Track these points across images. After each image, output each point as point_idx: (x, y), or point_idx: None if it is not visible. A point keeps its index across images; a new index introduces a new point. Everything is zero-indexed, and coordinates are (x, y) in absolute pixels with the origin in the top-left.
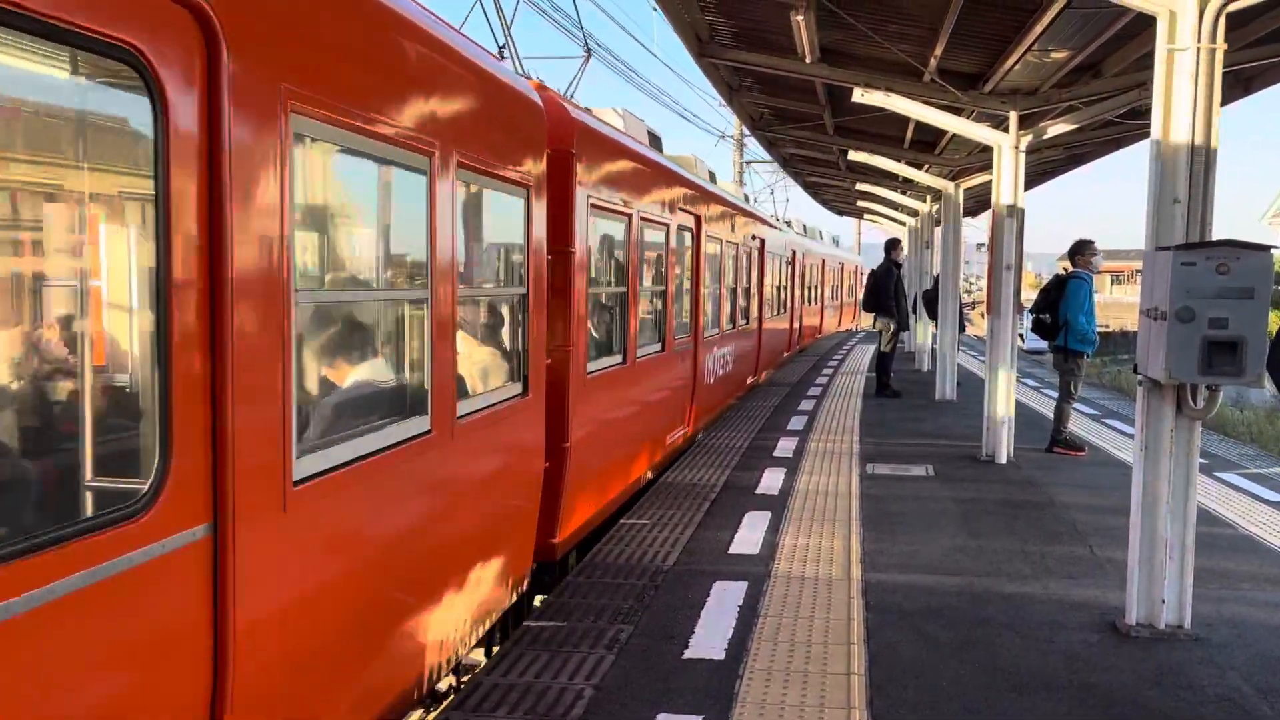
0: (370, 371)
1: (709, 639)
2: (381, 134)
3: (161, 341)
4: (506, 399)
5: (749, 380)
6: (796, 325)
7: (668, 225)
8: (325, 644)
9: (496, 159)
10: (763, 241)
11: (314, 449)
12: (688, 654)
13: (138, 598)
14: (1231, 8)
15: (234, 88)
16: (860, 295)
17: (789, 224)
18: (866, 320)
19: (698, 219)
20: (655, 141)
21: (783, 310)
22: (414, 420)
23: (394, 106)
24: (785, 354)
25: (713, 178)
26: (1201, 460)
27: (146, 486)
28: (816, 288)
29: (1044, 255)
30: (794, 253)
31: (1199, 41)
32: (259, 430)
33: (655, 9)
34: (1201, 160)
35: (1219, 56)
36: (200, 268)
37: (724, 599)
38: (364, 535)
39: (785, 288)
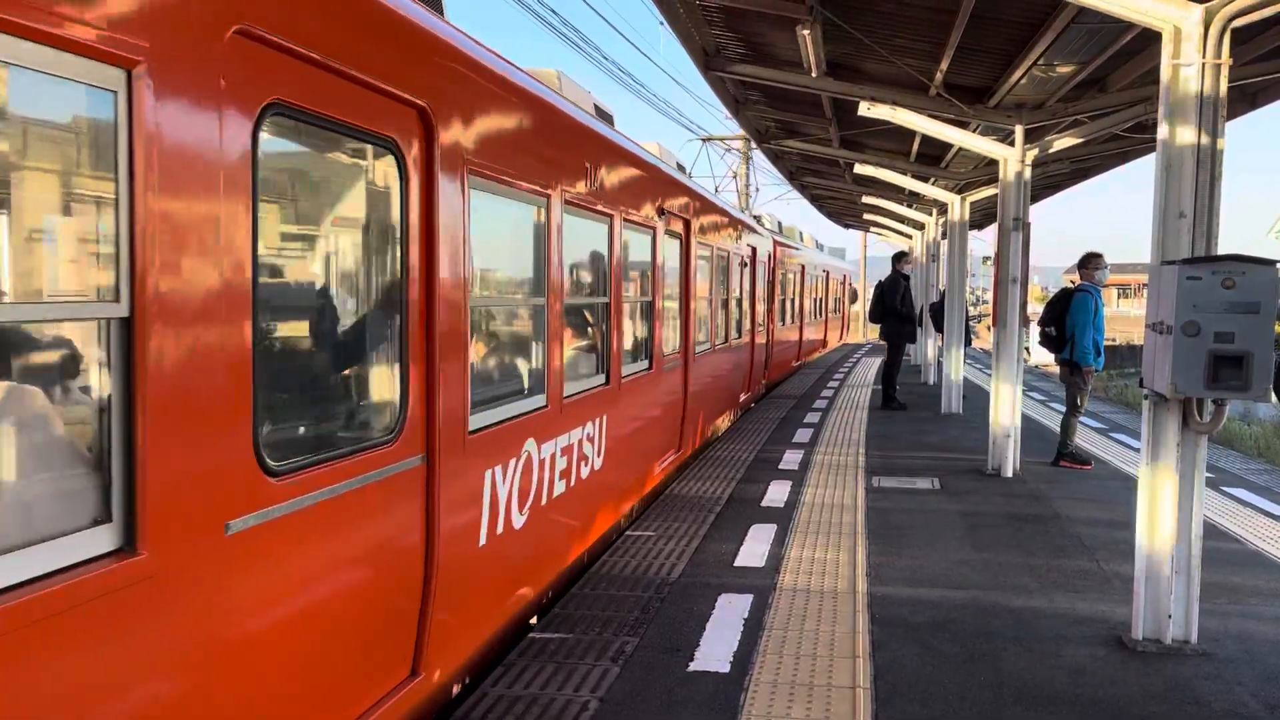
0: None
1: (714, 652)
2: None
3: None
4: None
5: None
6: (759, 356)
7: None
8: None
9: None
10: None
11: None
12: (693, 666)
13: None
14: (1237, 23)
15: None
16: (844, 310)
17: (759, 218)
18: (853, 336)
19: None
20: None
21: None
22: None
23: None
24: (744, 396)
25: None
26: (1209, 474)
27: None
28: (796, 301)
29: (1050, 269)
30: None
31: (1204, 57)
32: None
33: (663, 24)
34: (1207, 174)
35: (1224, 72)
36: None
37: (729, 611)
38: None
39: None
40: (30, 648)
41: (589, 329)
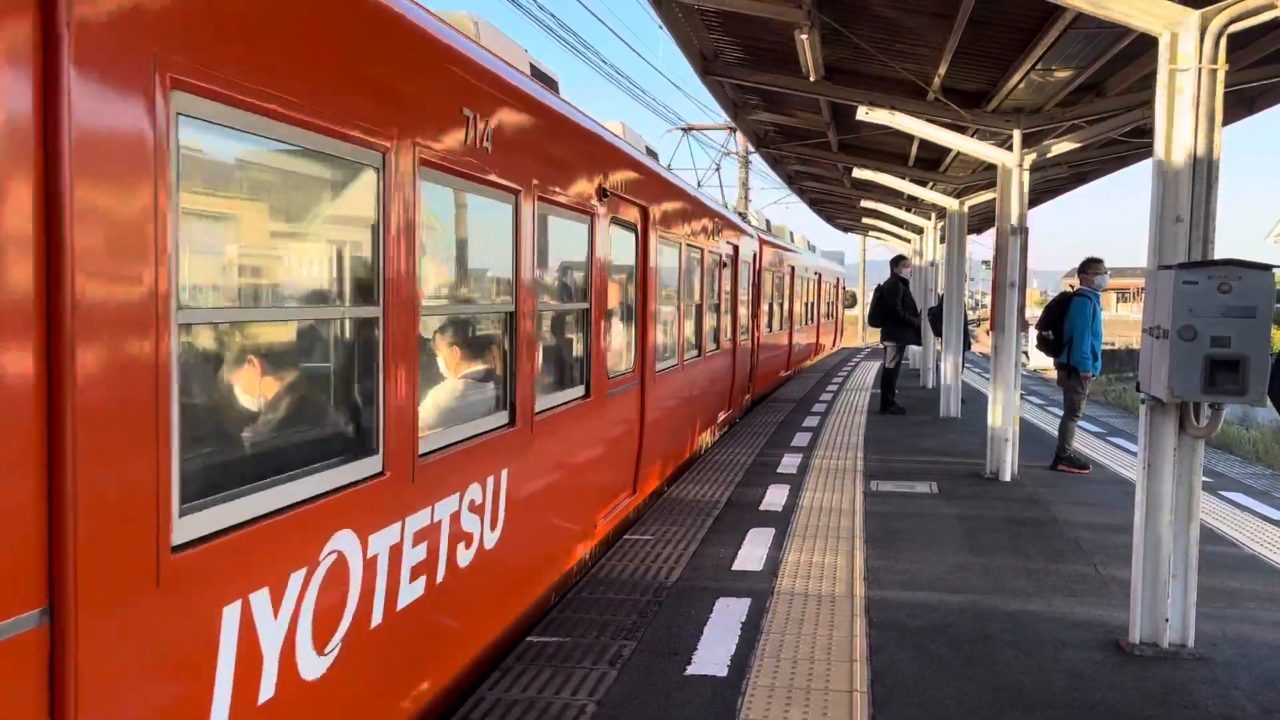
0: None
1: (712, 655)
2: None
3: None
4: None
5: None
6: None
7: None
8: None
9: None
10: (736, 249)
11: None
12: (690, 670)
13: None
14: (1233, 29)
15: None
16: (838, 315)
17: (744, 215)
18: (851, 340)
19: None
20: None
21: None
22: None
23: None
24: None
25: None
26: (1207, 479)
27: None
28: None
29: (1049, 273)
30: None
31: (1200, 62)
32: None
33: (661, 27)
34: (1203, 179)
35: (1220, 77)
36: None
37: (727, 615)
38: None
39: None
40: None
41: (478, 350)
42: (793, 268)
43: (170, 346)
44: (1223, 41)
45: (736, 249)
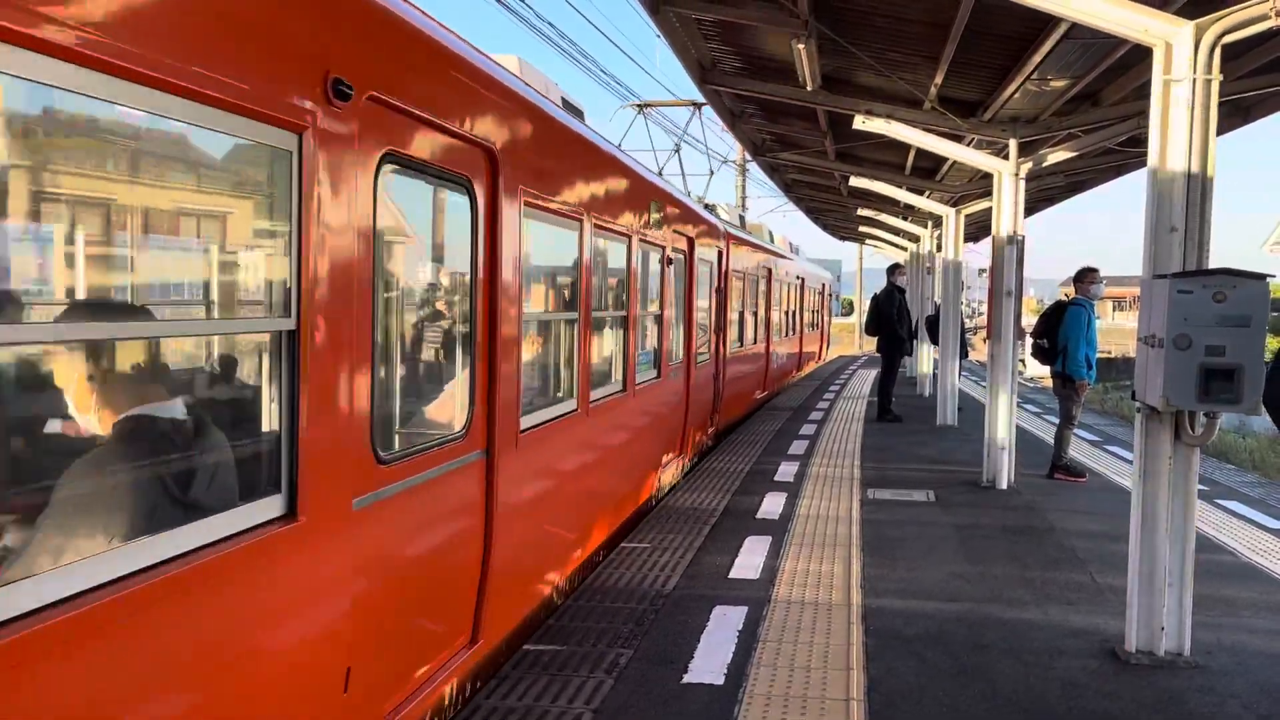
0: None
1: (708, 664)
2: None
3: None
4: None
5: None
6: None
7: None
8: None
9: None
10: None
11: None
12: (687, 679)
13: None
14: (1228, 39)
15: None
16: (824, 325)
17: (711, 206)
18: (846, 349)
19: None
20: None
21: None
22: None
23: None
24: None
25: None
26: (1203, 487)
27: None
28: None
29: (1046, 281)
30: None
31: (1195, 72)
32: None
33: (659, 37)
34: (1198, 189)
35: (1215, 87)
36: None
37: (724, 623)
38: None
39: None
40: None
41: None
42: (770, 270)
43: None
44: (1217, 52)
45: (692, 243)
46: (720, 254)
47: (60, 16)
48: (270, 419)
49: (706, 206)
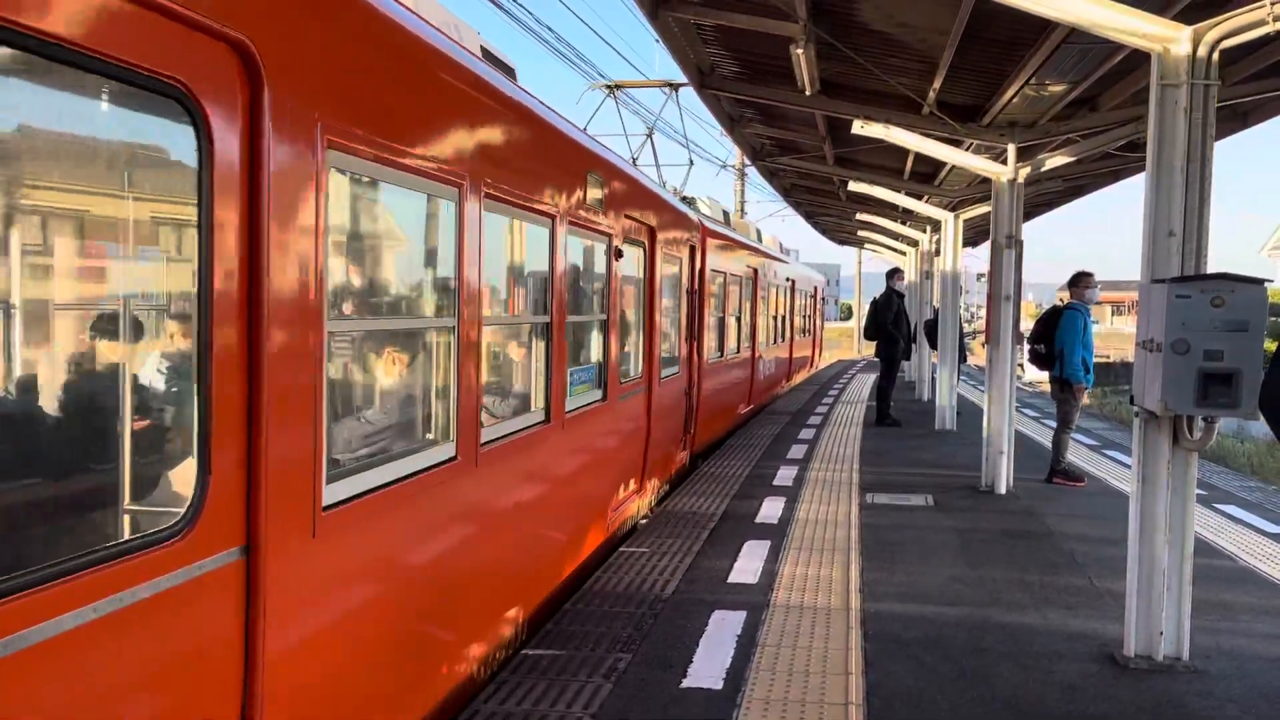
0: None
1: (707, 668)
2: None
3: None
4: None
5: None
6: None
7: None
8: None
9: None
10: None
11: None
12: (686, 683)
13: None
14: (1225, 44)
15: None
16: (816, 330)
17: (690, 200)
18: (844, 353)
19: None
20: None
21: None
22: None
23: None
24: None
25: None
26: (1201, 491)
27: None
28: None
29: (1044, 285)
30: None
31: (1193, 77)
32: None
33: (658, 42)
34: (1196, 194)
35: (1213, 92)
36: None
37: (723, 628)
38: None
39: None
40: None
41: None
42: (756, 271)
43: None
44: (1215, 57)
45: (654, 235)
46: (694, 249)
47: None
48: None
49: (684, 200)
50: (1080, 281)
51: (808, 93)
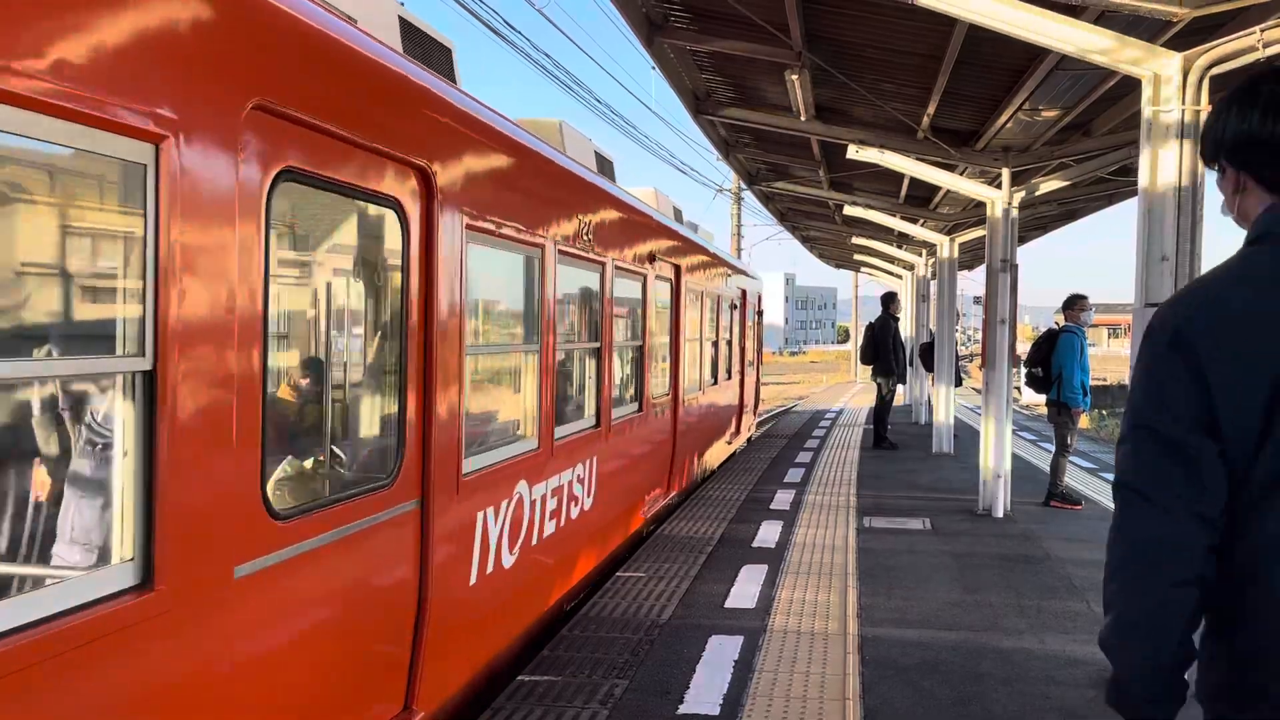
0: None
1: (704, 694)
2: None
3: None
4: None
5: None
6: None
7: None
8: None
9: None
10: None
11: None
12: (683, 709)
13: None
14: (1215, 71)
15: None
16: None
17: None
18: (840, 377)
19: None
20: None
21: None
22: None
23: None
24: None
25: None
26: None
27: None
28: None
29: (1040, 308)
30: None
31: (1184, 104)
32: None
33: (654, 69)
34: (1188, 218)
35: (1204, 118)
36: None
37: (720, 653)
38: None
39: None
40: None
41: None
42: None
43: None
44: (1205, 83)
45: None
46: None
47: None
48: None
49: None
50: (1075, 304)
51: (802, 118)
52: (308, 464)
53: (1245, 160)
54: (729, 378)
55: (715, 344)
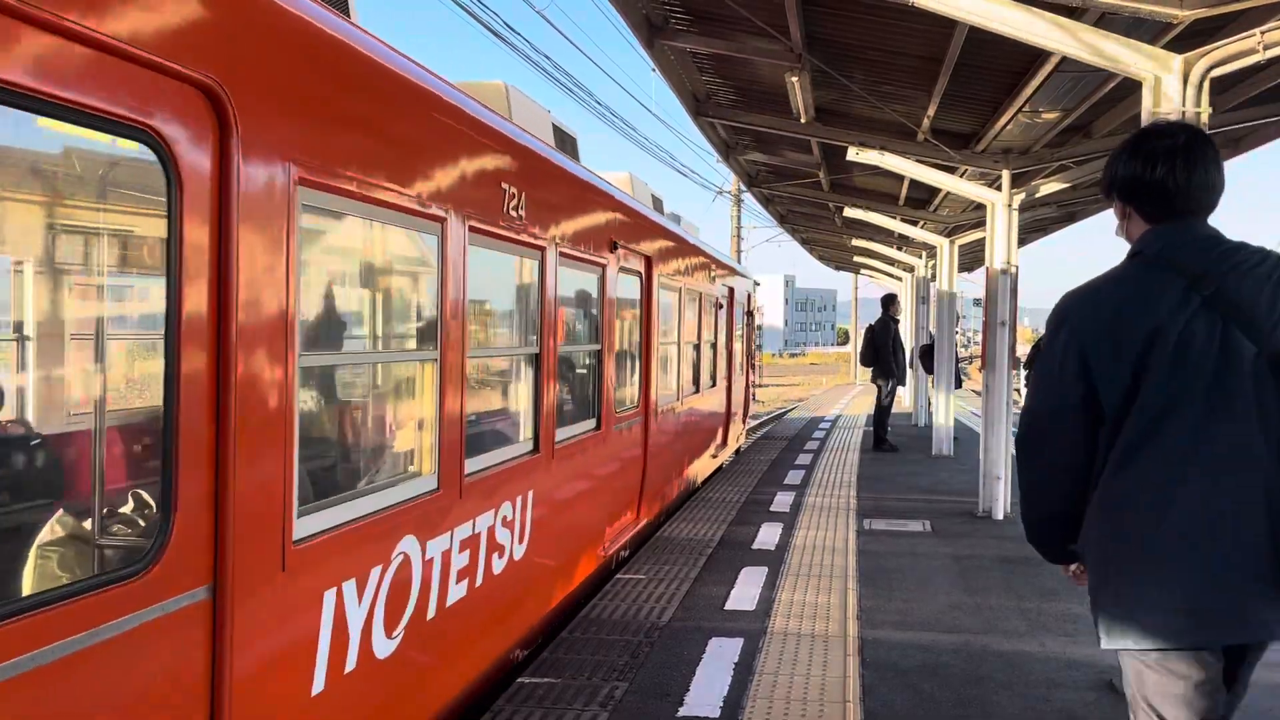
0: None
1: (704, 696)
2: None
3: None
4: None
5: None
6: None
7: None
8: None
9: None
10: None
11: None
12: (683, 712)
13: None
14: (1215, 73)
15: None
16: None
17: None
18: (840, 379)
19: None
20: None
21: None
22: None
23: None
24: None
25: None
26: None
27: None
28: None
29: (1040, 311)
30: None
31: (1184, 106)
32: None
33: (654, 71)
34: None
35: (1204, 120)
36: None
37: (720, 656)
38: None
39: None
40: None
41: None
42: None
43: None
44: (1206, 85)
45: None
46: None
47: None
48: None
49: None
50: None
51: (802, 120)
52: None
53: (1130, 196)
54: (714, 385)
55: (698, 347)
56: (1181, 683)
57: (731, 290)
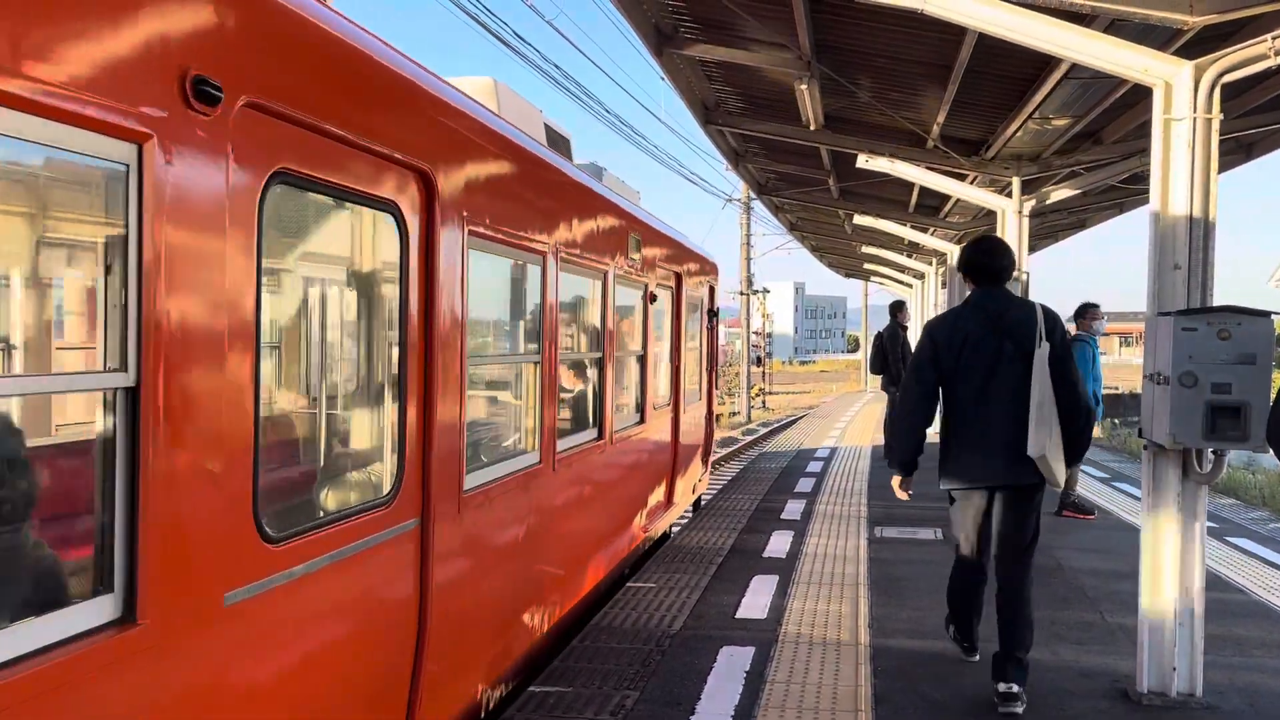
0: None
1: (716, 706)
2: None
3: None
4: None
5: None
6: None
7: None
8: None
9: None
10: None
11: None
12: None
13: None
14: (1227, 79)
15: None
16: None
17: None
18: (849, 388)
19: None
20: None
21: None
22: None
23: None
24: None
25: None
26: (1213, 524)
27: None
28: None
29: None
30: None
31: (1195, 111)
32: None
33: (663, 79)
34: (1201, 227)
35: (1215, 126)
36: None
37: (731, 664)
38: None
39: None
40: None
41: None
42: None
43: None
44: (1217, 91)
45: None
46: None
47: None
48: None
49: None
50: (1086, 313)
51: (812, 127)
52: None
53: (968, 272)
54: (660, 410)
55: (643, 359)
56: (970, 508)
57: (679, 277)
